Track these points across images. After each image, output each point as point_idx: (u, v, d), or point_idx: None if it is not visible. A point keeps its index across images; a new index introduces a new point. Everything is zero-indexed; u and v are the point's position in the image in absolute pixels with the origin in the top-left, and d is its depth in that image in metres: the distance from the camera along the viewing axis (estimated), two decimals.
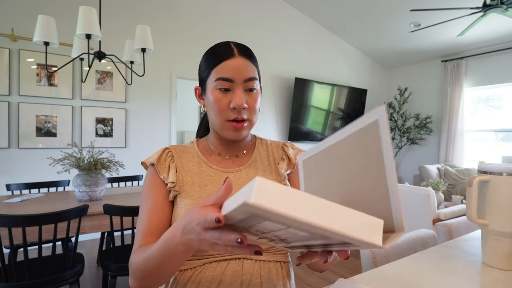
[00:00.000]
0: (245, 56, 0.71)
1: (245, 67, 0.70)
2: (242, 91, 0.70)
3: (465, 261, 0.86)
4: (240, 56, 0.71)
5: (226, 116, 0.70)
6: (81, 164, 2.01)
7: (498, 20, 4.04)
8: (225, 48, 0.71)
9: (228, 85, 0.69)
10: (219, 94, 0.70)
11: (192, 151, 0.80)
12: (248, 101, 0.71)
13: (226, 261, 0.68)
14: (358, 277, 0.75)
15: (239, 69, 0.69)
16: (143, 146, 3.72)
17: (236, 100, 0.68)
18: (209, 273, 0.67)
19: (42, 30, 1.84)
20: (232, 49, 0.71)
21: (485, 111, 5.03)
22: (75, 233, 1.65)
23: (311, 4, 4.71)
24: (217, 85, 0.70)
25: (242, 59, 0.70)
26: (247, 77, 0.70)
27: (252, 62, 0.72)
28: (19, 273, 1.54)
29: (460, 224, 1.27)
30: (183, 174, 0.75)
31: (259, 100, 0.74)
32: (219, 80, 0.70)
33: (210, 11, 4.18)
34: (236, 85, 0.69)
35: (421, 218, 2.67)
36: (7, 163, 3.02)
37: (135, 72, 2.44)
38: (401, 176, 6.05)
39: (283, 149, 0.83)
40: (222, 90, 0.70)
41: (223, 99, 0.70)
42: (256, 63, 0.74)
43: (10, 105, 3.02)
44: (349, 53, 5.72)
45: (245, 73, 0.70)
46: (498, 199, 0.79)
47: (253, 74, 0.71)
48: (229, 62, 0.69)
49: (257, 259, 0.70)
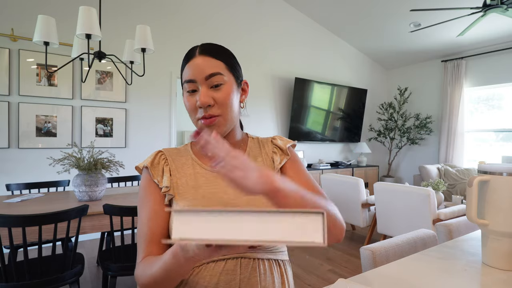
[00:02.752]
0: (206, 54, 0.71)
1: (205, 64, 0.70)
2: (207, 88, 0.70)
3: (465, 261, 0.86)
4: (200, 55, 0.71)
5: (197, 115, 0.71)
6: (81, 164, 2.01)
7: (498, 20, 4.04)
8: (189, 51, 0.74)
9: (193, 86, 0.71)
10: (188, 96, 0.72)
11: (186, 154, 0.80)
12: (215, 97, 0.70)
13: (224, 260, 0.68)
14: (358, 277, 0.75)
15: (198, 68, 0.70)
16: (143, 146, 3.72)
17: (200, 98, 0.69)
18: (206, 273, 0.67)
19: (42, 30, 1.84)
20: (194, 50, 0.73)
21: (485, 111, 5.03)
22: (75, 233, 1.65)
23: (311, 4, 4.71)
24: (185, 88, 0.72)
25: (201, 58, 0.71)
26: (207, 74, 0.69)
27: (216, 58, 0.71)
28: (19, 273, 1.54)
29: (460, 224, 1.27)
30: (178, 177, 0.75)
31: (231, 94, 0.72)
32: (185, 83, 0.72)
33: (210, 11, 4.18)
34: (199, 84, 0.70)
35: (421, 218, 2.67)
36: (7, 163, 3.02)
37: (135, 72, 2.44)
38: (401, 176, 6.05)
39: (272, 142, 0.83)
40: (190, 92, 0.72)
41: (191, 100, 0.71)
42: (222, 58, 0.73)
43: (10, 105, 3.01)
44: (349, 53, 5.72)
45: (205, 70, 0.70)
46: (498, 199, 0.79)
47: (214, 69, 0.70)
48: (190, 64, 0.71)
49: (255, 258, 0.69)
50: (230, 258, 0.68)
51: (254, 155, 0.80)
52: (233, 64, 0.75)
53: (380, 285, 0.71)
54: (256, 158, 0.80)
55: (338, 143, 5.65)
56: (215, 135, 0.55)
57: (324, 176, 3.66)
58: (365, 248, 0.95)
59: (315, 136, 5.18)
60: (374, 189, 3.04)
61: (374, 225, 3.29)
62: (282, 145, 0.81)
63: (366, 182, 5.42)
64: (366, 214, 3.29)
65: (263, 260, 0.70)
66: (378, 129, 6.06)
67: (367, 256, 0.94)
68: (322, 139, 5.29)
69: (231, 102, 0.72)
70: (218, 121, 0.71)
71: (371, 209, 3.39)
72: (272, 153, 0.81)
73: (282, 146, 0.81)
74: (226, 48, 0.76)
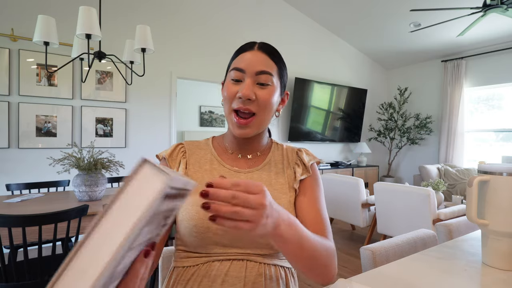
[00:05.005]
0: (264, 51, 0.71)
1: (260, 60, 0.70)
2: (253, 83, 0.69)
3: (465, 261, 0.86)
4: (258, 50, 0.71)
5: (232, 104, 0.70)
6: (81, 164, 2.00)
7: (498, 20, 4.04)
8: (248, 44, 0.73)
9: (240, 75, 0.69)
10: (230, 83, 0.71)
11: (206, 148, 0.80)
12: (258, 94, 0.69)
13: (230, 261, 0.68)
14: (358, 277, 0.75)
15: (253, 61, 0.69)
16: (143, 146, 3.72)
17: (243, 90, 0.67)
18: (211, 271, 0.66)
19: (42, 30, 1.84)
20: (253, 44, 0.73)
21: (485, 111, 5.03)
22: (75, 233, 1.65)
23: (311, 4, 4.71)
24: (230, 75, 0.71)
25: (259, 53, 0.71)
26: (259, 70, 0.69)
27: (272, 59, 0.71)
28: (19, 273, 1.54)
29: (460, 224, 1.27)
30: (193, 171, 0.74)
31: (273, 98, 0.71)
32: (232, 70, 0.71)
33: (211, 11, 4.18)
34: (247, 76, 0.69)
35: (421, 218, 2.67)
36: (7, 163, 3.02)
37: (135, 72, 2.44)
38: (401, 176, 6.05)
39: (298, 154, 0.81)
40: (234, 81, 0.70)
41: (232, 88, 0.70)
42: (277, 62, 0.73)
43: (10, 105, 3.01)
44: (349, 53, 5.72)
45: (258, 65, 0.69)
46: (498, 199, 0.79)
47: (267, 68, 0.70)
48: (245, 54, 0.71)
49: (261, 262, 0.69)
50: (236, 259, 0.68)
51: (275, 161, 0.80)
52: (284, 71, 0.75)
53: (380, 285, 0.71)
54: (277, 164, 0.79)
55: (338, 143, 5.65)
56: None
57: (324, 176, 3.66)
58: (365, 248, 0.95)
59: (315, 136, 5.18)
60: (374, 189, 3.04)
61: (374, 225, 3.29)
62: (306, 161, 0.79)
63: (366, 182, 5.42)
64: (366, 214, 3.29)
65: (269, 265, 0.70)
66: (378, 129, 6.06)
67: (367, 256, 0.94)
68: (322, 139, 5.29)
69: (270, 105, 0.71)
70: (252, 123, 0.70)
71: (371, 209, 3.39)
72: (294, 163, 0.79)
73: (306, 162, 0.79)
74: (281, 55, 0.76)
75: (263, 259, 0.69)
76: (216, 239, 0.67)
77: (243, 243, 0.68)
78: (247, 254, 0.68)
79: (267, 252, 0.69)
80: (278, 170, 0.78)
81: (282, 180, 0.76)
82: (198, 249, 0.69)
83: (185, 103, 5.92)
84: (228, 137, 0.79)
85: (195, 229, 0.67)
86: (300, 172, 0.77)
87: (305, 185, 0.77)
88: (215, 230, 0.66)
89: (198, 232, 0.67)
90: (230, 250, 0.68)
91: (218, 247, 0.68)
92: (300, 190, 0.76)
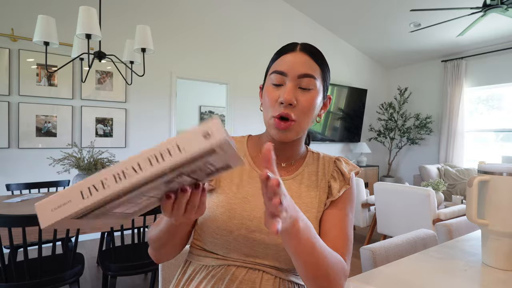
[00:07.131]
0: (306, 52, 0.67)
1: (303, 62, 0.66)
2: (295, 87, 0.65)
3: (465, 261, 0.86)
4: (301, 51, 0.67)
5: (273, 110, 0.66)
6: (81, 164, 2.01)
7: (498, 20, 4.04)
8: (290, 45, 0.69)
9: (281, 79, 0.66)
10: (271, 88, 0.68)
11: (240, 146, 0.77)
12: (299, 99, 0.65)
13: (246, 269, 0.66)
14: (358, 277, 0.75)
15: (295, 64, 0.65)
16: (143, 146, 3.72)
17: (284, 94, 0.64)
18: (226, 275, 0.65)
19: (42, 30, 1.84)
20: (295, 45, 0.69)
21: (485, 111, 5.03)
22: (75, 233, 1.65)
23: (311, 4, 4.71)
24: (271, 79, 0.68)
25: (301, 54, 0.67)
26: (302, 73, 0.65)
27: (315, 61, 0.67)
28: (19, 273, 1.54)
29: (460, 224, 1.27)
30: None
31: (315, 103, 0.67)
32: (273, 74, 0.67)
33: (210, 11, 4.18)
34: (288, 80, 0.65)
35: (421, 218, 2.67)
36: (7, 163, 3.02)
37: (135, 72, 2.44)
38: (401, 176, 6.05)
39: (335, 163, 0.75)
40: (274, 85, 0.67)
41: (274, 92, 0.66)
42: (321, 64, 0.69)
43: (10, 105, 3.01)
44: (349, 53, 5.72)
45: (300, 68, 0.65)
46: (498, 199, 0.79)
47: (310, 71, 0.66)
48: (287, 56, 0.67)
49: (277, 276, 0.67)
50: (252, 269, 0.66)
51: (309, 172, 0.74)
52: (327, 74, 0.71)
53: (380, 285, 0.71)
54: (310, 176, 0.74)
55: (338, 143, 5.65)
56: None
57: None
58: (365, 248, 0.95)
59: (315, 136, 5.18)
60: (374, 189, 3.04)
61: (374, 225, 3.29)
62: (346, 172, 0.73)
63: (366, 182, 5.42)
64: (366, 214, 3.29)
65: (284, 280, 0.68)
66: (378, 129, 6.06)
67: (367, 256, 0.94)
68: (322, 139, 5.29)
69: (312, 111, 0.67)
70: (292, 126, 0.66)
71: (371, 209, 3.39)
72: (330, 176, 0.73)
73: (346, 172, 0.72)
74: (324, 56, 0.72)
75: (278, 273, 0.67)
76: (235, 244, 0.66)
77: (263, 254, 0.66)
78: (264, 265, 0.67)
79: (285, 266, 0.67)
80: (310, 183, 0.72)
81: (313, 193, 0.71)
82: (216, 250, 0.68)
83: (185, 103, 5.92)
84: (265, 139, 0.75)
85: (217, 230, 0.66)
86: (337, 188, 0.71)
87: (340, 197, 0.71)
88: (236, 235, 0.65)
89: (220, 234, 0.66)
90: (247, 258, 0.67)
91: (237, 253, 0.67)
92: (331, 202, 0.71)
